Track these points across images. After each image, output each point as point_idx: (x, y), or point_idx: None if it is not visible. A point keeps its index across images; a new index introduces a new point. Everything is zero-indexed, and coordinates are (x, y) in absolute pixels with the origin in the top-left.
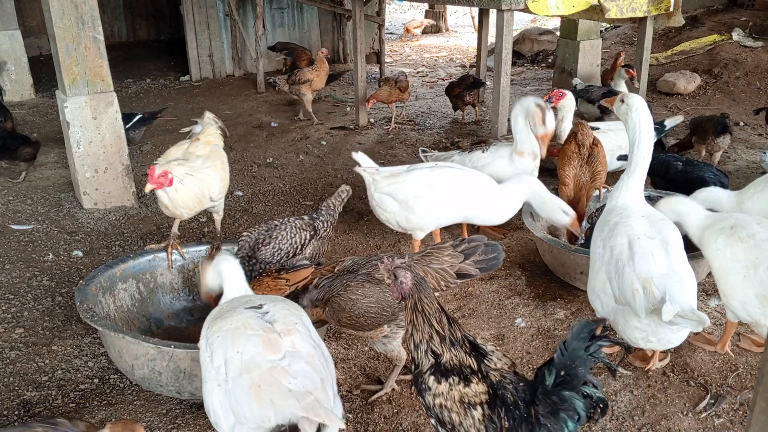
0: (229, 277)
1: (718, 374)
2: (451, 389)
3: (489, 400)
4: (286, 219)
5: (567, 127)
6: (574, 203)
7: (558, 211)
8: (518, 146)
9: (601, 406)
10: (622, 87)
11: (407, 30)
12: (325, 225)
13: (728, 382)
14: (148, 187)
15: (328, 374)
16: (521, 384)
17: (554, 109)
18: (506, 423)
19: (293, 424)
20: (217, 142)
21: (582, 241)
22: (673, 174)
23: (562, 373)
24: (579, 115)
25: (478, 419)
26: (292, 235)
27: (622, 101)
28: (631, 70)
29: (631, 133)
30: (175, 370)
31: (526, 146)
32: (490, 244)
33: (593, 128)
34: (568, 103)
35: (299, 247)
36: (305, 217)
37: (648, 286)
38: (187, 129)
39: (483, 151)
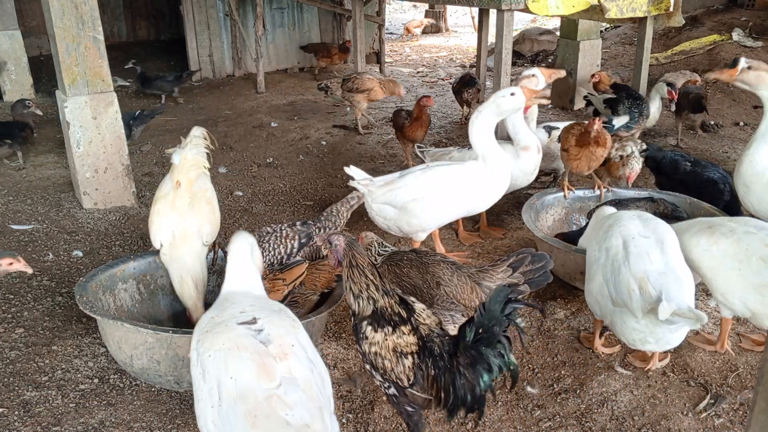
0: (233, 261)
1: (718, 374)
2: (386, 339)
3: (418, 351)
4: (277, 226)
5: (533, 128)
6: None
7: (507, 101)
8: (522, 143)
9: (512, 368)
10: (655, 103)
11: (407, 30)
12: (323, 231)
13: (728, 382)
14: None
15: (325, 398)
16: (446, 338)
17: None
18: (432, 371)
19: None
20: (199, 176)
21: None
22: (681, 175)
23: (481, 331)
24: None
25: (408, 367)
26: (276, 246)
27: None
28: (673, 92)
29: None
30: (173, 358)
31: (530, 141)
32: (536, 254)
33: (554, 127)
34: (532, 110)
35: (285, 257)
36: (297, 224)
37: (644, 285)
38: (170, 150)
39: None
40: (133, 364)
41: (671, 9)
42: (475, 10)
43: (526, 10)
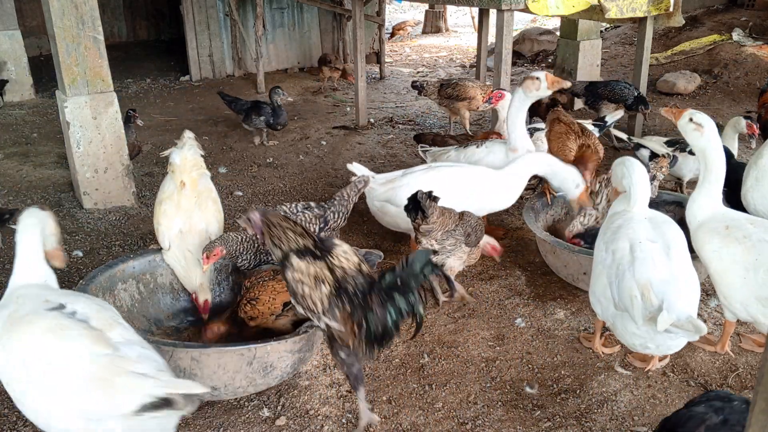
0: (23, 248)
1: (718, 374)
2: (309, 266)
3: (335, 286)
4: (291, 205)
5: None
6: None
7: (570, 182)
8: (512, 144)
9: (418, 320)
10: (734, 142)
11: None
12: (336, 216)
13: (728, 382)
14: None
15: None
16: (360, 280)
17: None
18: (348, 307)
19: (163, 398)
20: (201, 175)
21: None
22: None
23: (398, 281)
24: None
25: (325, 293)
26: None
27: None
28: (754, 126)
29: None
30: (174, 369)
31: (519, 143)
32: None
33: (537, 128)
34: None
35: None
36: (315, 208)
37: (646, 292)
38: (166, 153)
39: (477, 146)
40: None
41: (671, 9)
42: (475, 10)
43: (526, 10)
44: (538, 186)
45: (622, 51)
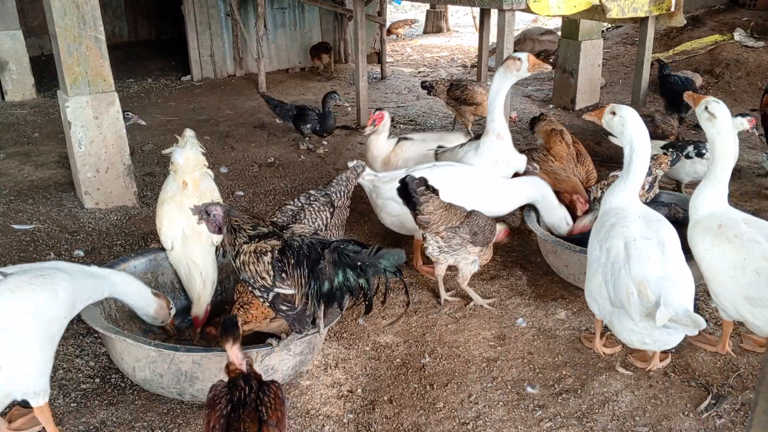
0: None
1: (720, 374)
2: (250, 245)
3: (280, 248)
4: (295, 201)
5: (381, 144)
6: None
7: (562, 221)
8: (487, 126)
9: (366, 296)
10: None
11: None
12: (339, 195)
13: (729, 383)
14: None
15: None
16: (315, 241)
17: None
18: (293, 260)
19: None
20: (203, 175)
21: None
22: None
23: (359, 263)
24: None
25: (267, 262)
26: (313, 220)
27: (613, 113)
28: (754, 119)
29: (627, 143)
30: (176, 372)
31: (494, 125)
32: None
33: (406, 138)
34: (386, 122)
35: (322, 229)
36: (320, 198)
37: (643, 289)
38: (167, 150)
39: (461, 147)
40: (136, 374)
41: (672, 9)
42: (477, 10)
43: (528, 10)
44: None
45: (624, 51)
